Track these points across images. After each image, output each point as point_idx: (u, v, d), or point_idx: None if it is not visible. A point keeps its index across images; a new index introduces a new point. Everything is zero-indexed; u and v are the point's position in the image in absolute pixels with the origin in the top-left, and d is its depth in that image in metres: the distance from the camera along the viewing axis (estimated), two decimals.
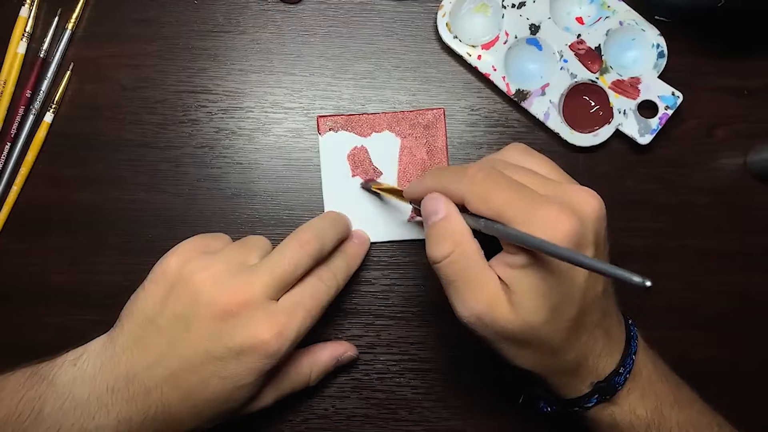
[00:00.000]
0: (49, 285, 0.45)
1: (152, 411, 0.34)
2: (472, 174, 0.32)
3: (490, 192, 0.31)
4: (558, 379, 0.35)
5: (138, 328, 0.36)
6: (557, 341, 0.32)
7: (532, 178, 0.33)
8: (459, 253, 0.33)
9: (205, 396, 0.35)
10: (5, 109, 0.45)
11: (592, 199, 0.32)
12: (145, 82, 0.45)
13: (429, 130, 0.45)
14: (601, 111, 0.45)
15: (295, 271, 0.36)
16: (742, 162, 0.46)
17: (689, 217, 0.46)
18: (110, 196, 0.45)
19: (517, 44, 0.45)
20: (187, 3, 0.46)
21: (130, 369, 0.34)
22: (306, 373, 0.40)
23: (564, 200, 0.31)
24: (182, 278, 0.35)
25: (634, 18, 0.45)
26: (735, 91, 0.46)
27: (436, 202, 0.34)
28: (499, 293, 0.32)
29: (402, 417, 0.45)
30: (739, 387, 0.45)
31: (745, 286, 0.46)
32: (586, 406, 0.35)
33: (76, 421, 0.33)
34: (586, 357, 0.34)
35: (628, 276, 0.25)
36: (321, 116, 0.45)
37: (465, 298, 0.33)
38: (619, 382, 0.34)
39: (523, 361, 0.34)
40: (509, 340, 0.33)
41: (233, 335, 0.34)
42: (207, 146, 0.45)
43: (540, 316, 0.31)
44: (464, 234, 0.33)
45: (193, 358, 0.34)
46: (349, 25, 0.46)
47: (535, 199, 0.31)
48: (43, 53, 0.45)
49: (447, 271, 0.33)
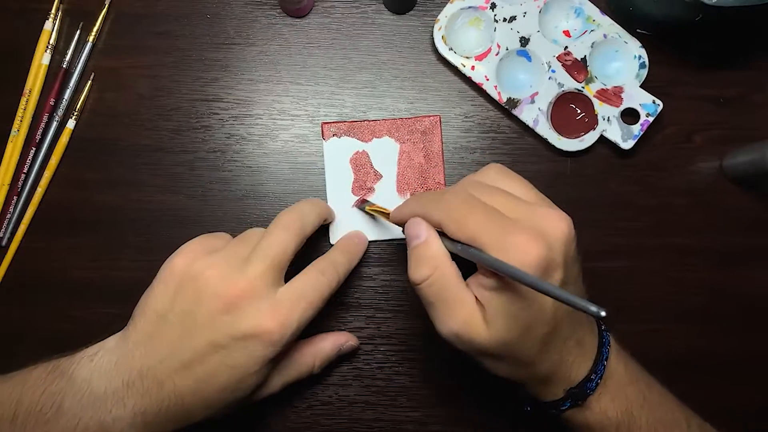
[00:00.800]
0: (73, 281, 0.46)
1: (166, 403, 0.35)
2: (448, 200, 0.34)
3: (464, 218, 0.33)
4: (534, 386, 0.36)
5: (149, 325, 0.37)
6: (530, 355, 0.33)
7: (506, 200, 0.34)
8: (437, 276, 0.34)
9: (215, 386, 0.36)
10: (30, 117, 0.47)
11: (561, 222, 0.33)
12: (162, 91, 0.47)
13: (426, 136, 0.47)
14: (587, 118, 0.46)
15: (285, 253, 0.37)
16: (719, 166, 0.47)
17: (669, 217, 0.47)
18: (129, 198, 0.46)
19: (508, 56, 0.47)
20: (201, 17, 0.48)
21: (143, 364, 0.35)
22: (310, 362, 0.42)
23: (534, 225, 0.32)
24: (188, 276, 0.36)
25: (617, 31, 0.46)
26: (712, 100, 0.48)
27: (417, 227, 0.35)
28: (474, 313, 0.33)
29: (400, 403, 0.46)
30: (715, 376, 0.46)
31: (720, 282, 0.47)
32: (561, 409, 0.36)
33: (94, 414, 0.34)
34: (558, 367, 0.35)
35: (584, 305, 0.26)
36: (325, 123, 0.47)
37: (443, 317, 0.34)
38: (591, 388, 0.35)
39: (501, 372, 0.35)
40: (486, 355, 0.34)
41: (238, 326, 0.35)
42: (219, 151, 0.47)
43: (512, 334, 0.32)
44: (442, 258, 0.34)
45: (201, 350, 0.35)
46: (352, 37, 0.48)
47: (506, 226, 0.32)
48: (66, 64, 0.47)
49: (426, 293, 0.34)
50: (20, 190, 0.47)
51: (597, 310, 0.26)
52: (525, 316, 0.32)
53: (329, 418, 0.46)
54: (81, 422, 0.34)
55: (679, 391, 0.39)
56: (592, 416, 0.36)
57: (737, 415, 0.45)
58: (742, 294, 0.47)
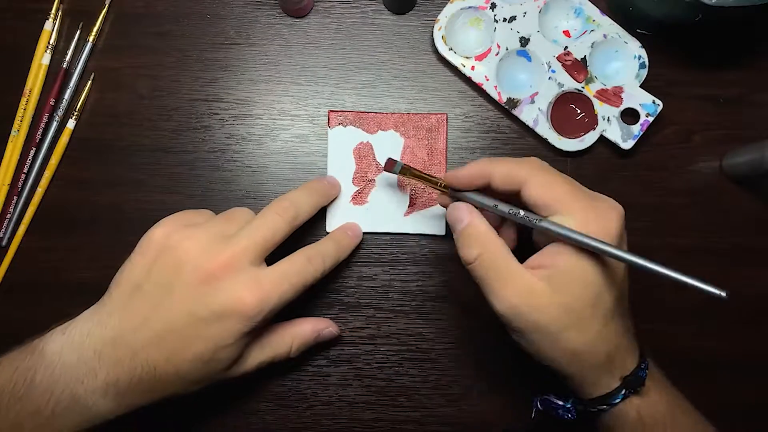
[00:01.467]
0: (73, 281, 0.46)
1: (138, 372, 0.35)
2: (534, 162, 0.35)
3: (552, 181, 0.34)
4: (589, 376, 0.35)
5: (124, 295, 0.36)
6: (595, 331, 0.33)
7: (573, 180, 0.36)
8: (488, 254, 0.35)
9: (188, 356, 0.35)
10: (31, 117, 0.47)
11: (618, 204, 0.35)
12: (162, 91, 0.47)
13: (431, 133, 0.47)
14: (587, 118, 0.46)
15: (273, 236, 0.38)
16: (718, 165, 0.47)
17: (669, 217, 0.47)
18: (129, 198, 0.46)
19: (508, 56, 0.47)
20: (201, 17, 0.48)
21: (116, 332, 0.35)
22: (288, 343, 0.41)
23: (606, 201, 0.35)
24: (167, 247, 0.36)
25: (617, 31, 0.46)
26: (711, 100, 0.48)
27: (459, 210, 0.37)
28: (533, 283, 0.33)
29: (400, 403, 0.46)
30: (715, 376, 0.47)
31: (721, 282, 0.45)
32: (613, 402, 0.35)
33: (66, 387, 0.34)
34: (617, 350, 0.35)
35: (703, 286, 0.26)
36: (332, 111, 0.47)
37: (501, 292, 0.34)
38: (643, 376, 0.35)
39: (559, 353, 0.34)
40: (546, 328, 0.33)
41: (216, 296, 0.35)
42: (219, 151, 0.47)
43: (584, 302, 0.33)
44: (490, 236, 0.35)
45: (176, 320, 0.35)
46: (352, 37, 0.48)
47: (591, 195, 0.34)
48: (66, 64, 0.47)
49: (479, 271, 0.35)
50: (20, 190, 0.47)
51: (718, 292, 0.26)
52: (598, 284, 0.33)
53: (329, 418, 0.46)
54: (53, 396, 0.34)
55: (680, 392, 0.38)
56: (645, 408, 0.35)
57: (737, 415, 0.46)
58: (743, 294, 0.47)
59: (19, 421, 0.33)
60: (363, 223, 0.46)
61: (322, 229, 0.46)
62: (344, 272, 0.47)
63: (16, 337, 0.36)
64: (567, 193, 0.34)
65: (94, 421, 0.35)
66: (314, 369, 0.47)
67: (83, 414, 0.34)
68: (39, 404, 0.34)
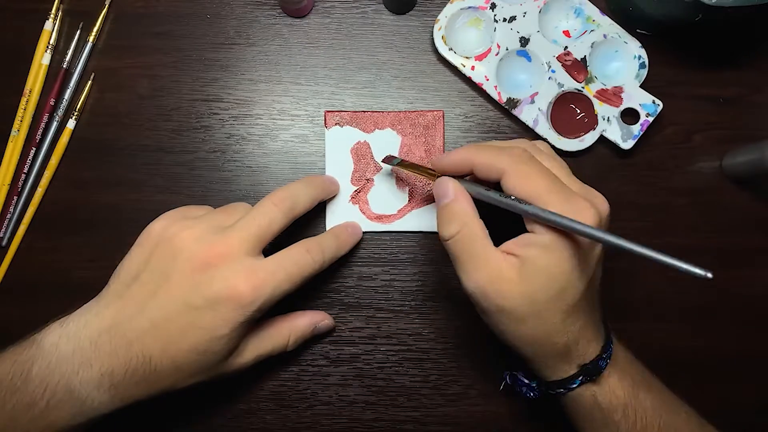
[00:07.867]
0: (73, 281, 0.46)
1: (133, 363, 0.35)
2: (513, 154, 0.35)
3: (529, 175, 0.34)
4: (547, 361, 0.36)
5: (122, 285, 0.37)
6: (554, 322, 0.34)
7: (560, 172, 0.36)
8: (466, 232, 0.35)
9: (184, 347, 0.35)
10: (31, 117, 0.47)
11: (606, 203, 0.36)
12: (161, 91, 0.47)
13: (428, 131, 0.47)
14: (587, 118, 0.46)
15: (270, 227, 0.38)
16: (718, 165, 0.47)
17: (669, 217, 0.47)
18: (129, 198, 0.47)
19: (508, 56, 0.47)
20: (201, 17, 0.48)
21: (112, 322, 0.35)
22: (285, 335, 0.42)
23: (588, 198, 0.34)
24: (165, 238, 0.37)
25: (617, 31, 0.47)
26: (711, 100, 0.48)
27: (446, 185, 0.37)
28: (504, 268, 0.34)
29: (400, 403, 0.46)
30: (715, 376, 0.47)
31: (720, 282, 0.46)
32: (570, 387, 0.36)
33: (61, 378, 0.34)
34: (577, 342, 0.35)
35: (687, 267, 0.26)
36: (328, 111, 0.47)
37: (471, 272, 0.35)
38: (602, 366, 0.36)
39: (519, 336, 0.35)
40: (509, 313, 0.34)
41: (210, 284, 0.35)
42: (219, 151, 0.47)
43: (546, 294, 0.33)
44: (471, 215, 0.36)
45: (172, 309, 0.35)
46: (351, 37, 0.48)
47: (567, 191, 0.34)
48: (66, 64, 0.47)
49: (455, 248, 0.36)
50: (20, 190, 0.47)
51: (703, 273, 0.26)
52: (563, 280, 0.34)
53: (329, 418, 0.46)
54: (48, 388, 0.34)
55: (679, 391, 0.39)
56: (601, 394, 0.36)
57: (737, 415, 0.46)
58: (743, 294, 0.47)
59: (15, 415, 0.33)
60: (362, 223, 0.46)
61: (321, 230, 0.46)
62: (344, 272, 0.47)
63: (15, 336, 0.36)
64: (543, 188, 0.34)
65: (88, 415, 0.35)
66: (314, 369, 0.47)
67: (77, 407, 0.34)
68: (34, 396, 0.34)
